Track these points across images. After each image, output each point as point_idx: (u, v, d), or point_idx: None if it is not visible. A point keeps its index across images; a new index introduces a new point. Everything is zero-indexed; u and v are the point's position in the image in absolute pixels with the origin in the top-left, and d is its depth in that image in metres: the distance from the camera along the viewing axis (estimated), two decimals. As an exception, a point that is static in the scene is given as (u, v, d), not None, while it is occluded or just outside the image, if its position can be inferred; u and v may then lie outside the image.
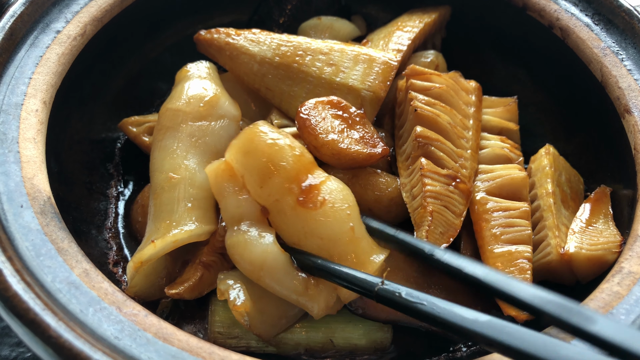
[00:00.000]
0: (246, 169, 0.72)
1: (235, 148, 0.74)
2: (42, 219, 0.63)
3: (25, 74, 0.77)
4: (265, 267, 0.71)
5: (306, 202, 0.71)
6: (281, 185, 0.72)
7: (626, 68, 0.85)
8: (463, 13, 1.07)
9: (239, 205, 0.74)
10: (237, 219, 0.74)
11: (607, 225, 0.83)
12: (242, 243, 0.72)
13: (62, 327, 0.52)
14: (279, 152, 0.73)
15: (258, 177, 0.72)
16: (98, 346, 0.52)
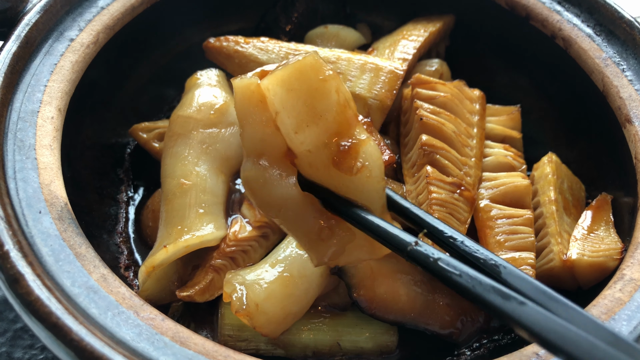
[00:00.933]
0: (284, 107, 0.62)
1: (278, 80, 0.62)
2: (60, 224, 0.65)
3: (41, 81, 0.78)
4: (283, 211, 0.66)
5: (342, 164, 0.63)
6: (318, 137, 0.63)
7: (627, 78, 0.87)
8: (467, 22, 1.09)
9: (263, 139, 0.64)
10: (258, 152, 0.65)
11: (608, 232, 0.85)
12: (261, 181, 0.65)
13: (83, 330, 0.54)
14: (326, 98, 0.63)
15: (295, 122, 0.62)
16: (118, 349, 0.54)
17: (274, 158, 0.65)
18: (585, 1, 0.96)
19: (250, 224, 0.84)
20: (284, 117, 0.62)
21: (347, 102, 0.64)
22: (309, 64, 0.62)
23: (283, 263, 0.80)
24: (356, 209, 0.64)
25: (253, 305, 0.74)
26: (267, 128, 0.63)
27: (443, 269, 0.57)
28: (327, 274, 0.80)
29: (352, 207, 0.65)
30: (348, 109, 0.64)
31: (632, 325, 0.62)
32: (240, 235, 0.83)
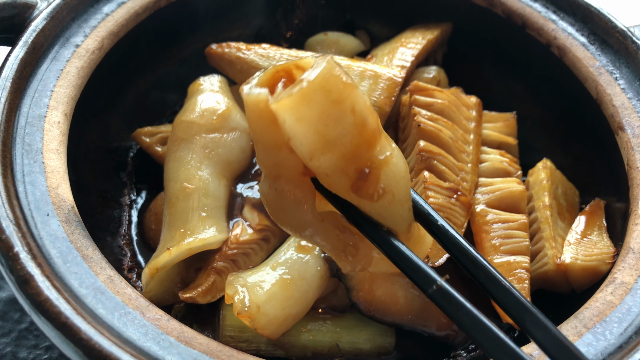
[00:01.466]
0: (295, 135, 0.56)
1: (286, 108, 0.55)
2: (67, 227, 0.66)
3: (48, 87, 0.80)
4: (304, 232, 0.65)
5: (361, 192, 0.59)
6: (335, 163, 0.57)
7: (620, 87, 0.89)
8: (464, 30, 1.11)
9: (277, 163, 0.61)
10: (274, 175, 0.62)
11: (601, 237, 0.87)
12: (279, 206, 0.63)
13: (91, 330, 0.56)
14: (340, 123, 0.56)
15: (308, 150, 0.56)
16: (125, 348, 0.55)
17: (291, 179, 0.62)
18: (580, 10, 0.98)
19: (251, 227, 0.86)
20: (297, 144, 0.57)
21: (364, 121, 0.58)
22: (318, 86, 0.54)
23: (284, 266, 0.81)
24: (380, 232, 0.61)
25: (255, 307, 0.76)
26: (281, 152, 0.59)
27: (463, 320, 0.56)
28: (327, 276, 0.81)
29: (376, 229, 0.61)
30: (366, 128, 0.58)
31: (623, 327, 0.64)
32: (241, 238, 0.84)
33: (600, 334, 0.64)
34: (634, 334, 0.64)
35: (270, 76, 0.59)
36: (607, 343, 0.63)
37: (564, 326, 0.66)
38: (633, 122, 0.85)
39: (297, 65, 0.59)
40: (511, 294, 0.58)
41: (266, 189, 0.64)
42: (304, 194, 0.62)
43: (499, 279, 0.60)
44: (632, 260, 0.71)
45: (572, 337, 0.64)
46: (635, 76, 0.90)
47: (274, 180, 0.62)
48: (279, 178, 0.62)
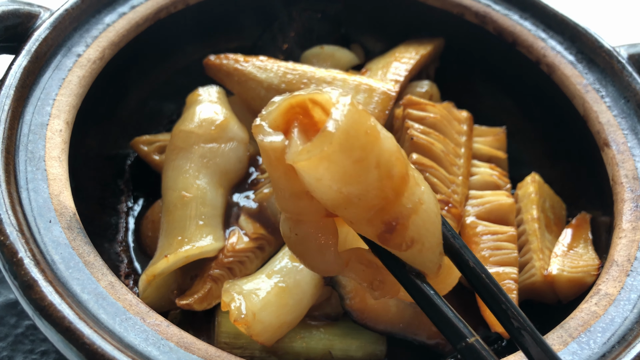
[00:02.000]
0: (314, 191, 0.53)
1: (304, 167, 0.51)
2: (69, 233, 0.68)
3: (50, 95, 0.82)
4: (329, 271, 0.63)
5: (388, 243, 0.55)
6: (359, 215, 0.54)
7: (606, 104, 0.93)
8: (456, 46, 1.14)
9: (298, 211, 0.57)
10: (294, 218, 0.59)
11: (586, 249, 0.90)
12: (301, 250, 0.60)
13: (94, 335, 0.57)
14: (363, 181, 0.52)
15: (330, 204, 0.54)
16: (127, 353, 0.57)
17: (313, 223, 0.58)
18: (568, 30, 1.02)
19: (247, 236, 0.88)
20: (317, 197, 0.54)
21: (390, 172, 0.53)
22: (339, 146, 0.50)
23: (279, 274, 0.83)
24: (408, 273, 0.58)
25: (251, 314, 0.78)
26: (302, 200, 0.56)
27: None
28: (321, 285, 0.83)
29: (403, 269, 0.58)
30: (393, 179, 0.53)
31: (606, 337, 0.67)
32: (237, 246, 0.86)
33: (584, 343, 0.66)
34: (616, 343, 0.66)
35: (285, 112, 0.55)
36: (591, 352, 0.66)
37: (550, 335, 0.68)
38: (618, 139, 0.88)
39: (314, 100, 0.55)
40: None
41: (287, 232, 0.61)
42: (327, 240, 0.59)
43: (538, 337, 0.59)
44: (616, 273, 0.74)
45: (557, 346, 0.66)
46: (620, 94, 0.93)
47: (295, 225, 0.59)
48: (299, 223, 0.58)
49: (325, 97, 0.54)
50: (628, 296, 0.71)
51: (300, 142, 0.52)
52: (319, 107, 0.54)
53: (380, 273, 0.62)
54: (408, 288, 0.59)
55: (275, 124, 0.54)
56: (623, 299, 0.71)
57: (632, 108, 0.91)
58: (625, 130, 0.89)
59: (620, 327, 0.68)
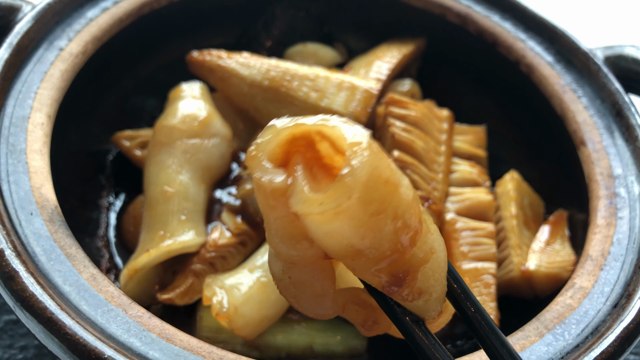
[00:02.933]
0: (321, 243, 0.48)
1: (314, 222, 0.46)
2: (51, 226, 0.68)
3: (32, 88, 0.81)
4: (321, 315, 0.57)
5: (394, 294, 0.51)
6: (365, 267, 0.49)
7: (582, 104, 0.95)
8: (438, 46, 1.16)
9: (293, 249, 0.50)
10: (288, 262, 0.52)
11: (563, 245, 0.92)
12: (294, 295, 0.55)
13: (76, 325, 0.57)
14: (377, 236, 0.47)
15: (335, 256, 0.49)
16: (109, 344, 0.57)
17: (308, 266, 0.52)
18: (547, 31, 1.04)
19: (229, 231, 0.88)
20: (322, 247, 0.48)
21: (406, 224, 0.48)
22: (357, 201, 0.44)
23: (261, 269, 0.84)
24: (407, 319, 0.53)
25: (232, 309, 0.78)
26: (300, 244, 0.49)
27: None
28: (303, 279, 0.84)
29: (403, 316, 0.53)
30: (407, 231, 0.48)
31: (580, 328, 0.69)
32: (219, 241, 0.87)
33: (559, 335, 0.68)
34: (590, 334, 0.68)
35: (285, 142, 0.48)
36: (565, 343, 0.67)
37: (527, 327, 0.70)
38: (594, 138, 0.91)
39: (322, 133, 0.48)
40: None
41: (279, 274, 0.54)
42: (324, 286, 0.53)
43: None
44: (590, 267, 0.76)
45: (533, 337, 0.68)
46: (596, 94, 0.95)
47: (287, 268, 0.52)
48: (293, 266, 0.52)
49: (336, 133, 0.47)
50: (602, 289, 0.73)
51: (306, 183, 0.46)
52: (327, 142, 0.48)
53: (374, 313, 0.57)
54: (405, 334, 0.55)
55: (273, 156, 0.48)
56: (597, 292, 0.73)
57: (607, 108, 0.93)
58: (601, 130, 0.91)
59: (594, 319, 0.70)
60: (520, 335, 0.69)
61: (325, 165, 0.48)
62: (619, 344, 0.65)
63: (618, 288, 0.73)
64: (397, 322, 0.54)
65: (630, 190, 0.83)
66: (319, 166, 0.49)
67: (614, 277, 0.74)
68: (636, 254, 0.76)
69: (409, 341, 0.55)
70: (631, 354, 0.97)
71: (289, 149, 0.48)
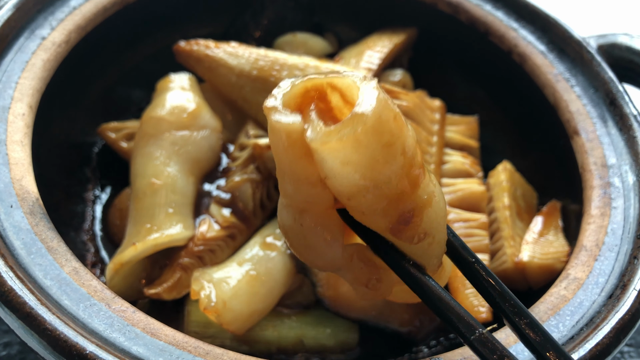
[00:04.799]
0: (335, 177, 0.50)
1: (330, 150, 0.48)
2: (32, 219, 0.65)
3: (12, 78, 0.79)
4: (327, 267, 0.60)
5: (401, 235, 0.54)
6: (375, 204, 0.52)
7: (575, 94, 0.94)
8: (429, 35, 1.14)
9: (306, 200, 0.53)
10: (299, 208, 0.55)
11: (557, 236, 0.91)
12: (303, 243, 0.56)
13: (56, 320, 0.55)
14: (389, 167, 0.50)
15: (348, 192, 0.51)
16: (91, 339, 0.55)
17: (319, 214, 0.55)
18: (539, 20, 1.02)
19: (218, 224, 0.86)
20: (335, 184, 0.50)
21: (412, 161, 0.52)
22: (371, 129, 0.48)
23: (250, 262, 0.82)
24: (410, 268, 0.56)
25: (221, 303, 0.76)
26: (314, 188, 0.52)
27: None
28: (293, 272, 0.83)
29: (407, 266, 0.56)
30: (413, 169, 0.52)
31: (575, 320, 0.67)
32: (208, 234, 0.85)
33: (554, 327, 0.67)
34: (584, 326, 0.67)
35: (299, 95, 0.51)
36: (560, 335, 0.66)
37: (521, 319, 0.68)
38: (587, 127, 0.89)
39: (333, 85, 0.51)
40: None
41: (290, 222, 0.56)
42: (333, 233, 0.56)
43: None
44: (584, 257, 0.74)
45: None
46: (589, 84, 0.94)
47: (299, 214, 0.55)
48: (304, 212, 0.54)
49: (346, 81, 0.50)
50: (596, 280, 0.72)
51: (321, 122, 0.49)
52: (338, 93, 0.51)
53: (378, 272, 0.59)
54: (411, 283, 0.56)
55: (289, 106, 0.50)
56: (591, 283, 0.71)
57: (600, 97, 0.92)
58: (594, 119, 0.90)
59: (589, 311, 0.69)
60: (514, 327, 0.67)
61: (334, 117, 0.52)
62: (614, 335, 0.64)
63: (613, 279, 0.72)
64: (401, 270, 0.56)
65: (625, 180, 0.82)
66: (330, 117, 0.52)
67: (608, 267, 0.73)
68: (631, 244, 0.75)
69: (413, 286, 0.57)
70: (626, 345, 0.96)
71: (302, 102, 0.51)
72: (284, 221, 0.57)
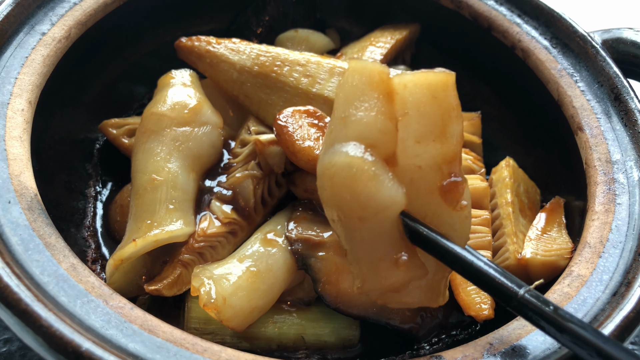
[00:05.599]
0: (418, 112, 0.56)
1: (424, 83, 0.57)
2: (30, 214, 0.65)
3: (12, 74, 0.79)
4: (376, 218, 0.57)
5: (448, 195, 0.59)
6: (436, 157, 0.58)
7: (580, 89, 0.93)
8: (432, 31, 1.13)
9: (382, 131, 0.57)
10: (370, 142, 0.58)
11: (560, 233, 0.90)
12: (370, 173, 0.56)
13: (52, 317, 0.55)
14: (457, 122, 0.58)
15: (422, 132, 0.57)
16: (87, 336, 0.55)
17: (380, 156, 0.58)
18: (543, 15, 1.01)
19: (219, 220, 0.86)
20: (412, 122, 0.56)
21: (462, 136, 0.61)
22: (451, 82, 0.58)
23: (250, 258, 0.81)
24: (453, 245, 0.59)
25: (221, 299, 0.76)
26: (389, 123, 0.57)
27: (561, 318, 0.55)
28: (294, 269, 0.82)
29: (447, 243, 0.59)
30: (461, 144, 0.61)
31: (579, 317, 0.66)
32: (209, 231, 0.84)
33: (556, 324, 0.66)
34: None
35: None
36: (563, 332, 0.65)
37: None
38: (591, 123, 0.88)
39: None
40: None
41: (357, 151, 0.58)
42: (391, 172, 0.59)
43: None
44: (588, 254, 0.74)
45: (530, 327, 0.66)
46: (594, 79, 0.93)
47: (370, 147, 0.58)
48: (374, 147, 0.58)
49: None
50: (600, 277, 0.71)
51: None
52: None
53: (409, 251, 0.61)
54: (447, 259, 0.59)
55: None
56: (595, 280, 0.71)
57: (605, 92, 0.91)
58: (599, 115, 0.89)
59: (592, 308, 0.68)
60: (517, 325, 0.67)
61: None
62: (618, 333, 0.64)
63: (617, 276, 0.71)
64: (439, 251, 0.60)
65: (629, 176, 0.81)
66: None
67: (612, 264, 0.72)
68: (636, 241, 0.74)
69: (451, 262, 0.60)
70: (630, 343, 0.95)
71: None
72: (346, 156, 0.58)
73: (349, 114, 0.58)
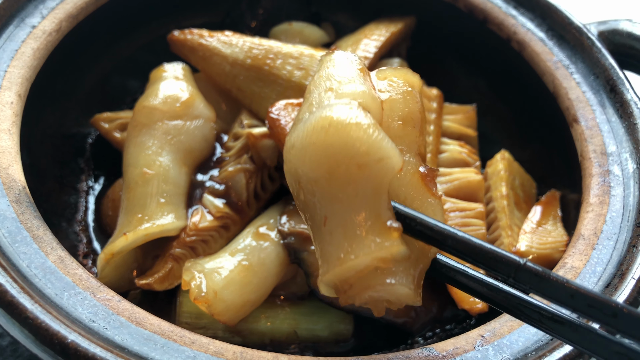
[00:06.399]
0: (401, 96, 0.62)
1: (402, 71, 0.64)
2: (17, 207, 0.65)
3: (1, 67, 0.78)
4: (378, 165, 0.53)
5: (426, 179, 0.61)
6: (414, 141, 0.61)
7: (575, 81, 0.92)
8: (427, 24, 1.12)
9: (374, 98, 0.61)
10: (362, 104, 0.58)
11: (555, 226, 0.89)
12: (368, 122, 0.54)
13: (38, 309, 0.54)
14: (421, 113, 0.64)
15: (402, 117, 0.61)
16: (73, 328, 0.54)
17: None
18: (539, 7, 1.00)
19: (211, 214, 0.85)
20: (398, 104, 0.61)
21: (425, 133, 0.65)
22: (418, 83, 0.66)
23: (242, 252, 0.81)
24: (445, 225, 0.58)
25: (212, 293, 0.75)
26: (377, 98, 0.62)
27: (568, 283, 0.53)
28: (286, 262, 0.81)
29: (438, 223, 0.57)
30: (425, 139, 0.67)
31: (571, 308, 0.66)
32: (200, 225, 0.84)
33: (550, 316, 0.65)
34: (581, 315, 0.65)
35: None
36: (555, 324, 0.65)
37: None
38: (587, 115, 0.88)
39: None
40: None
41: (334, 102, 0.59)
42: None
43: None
44: (582, 246, 0.73)
45: (522, 319, 0.65)
46: (589, 71, 0.92)
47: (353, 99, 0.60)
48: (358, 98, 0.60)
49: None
50: (593, 269, 0.70)
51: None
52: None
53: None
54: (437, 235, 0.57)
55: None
56: (588, 272, 0.70)
57: (601, 84, 0.90)
58: (594, 106, 0.89)
59: (586, 300, 0.67)
60: (508, 318, 0.66)
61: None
62: (611, 325, 0.63)
63: (611, 267, 0.70)
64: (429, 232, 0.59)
65: (625, 168, 0.80)
66: None
67: (606, 256, 0.71)
68: (630, 233, 0.73)
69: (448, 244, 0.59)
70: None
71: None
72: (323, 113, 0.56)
73: (340, 81, 0.59)
